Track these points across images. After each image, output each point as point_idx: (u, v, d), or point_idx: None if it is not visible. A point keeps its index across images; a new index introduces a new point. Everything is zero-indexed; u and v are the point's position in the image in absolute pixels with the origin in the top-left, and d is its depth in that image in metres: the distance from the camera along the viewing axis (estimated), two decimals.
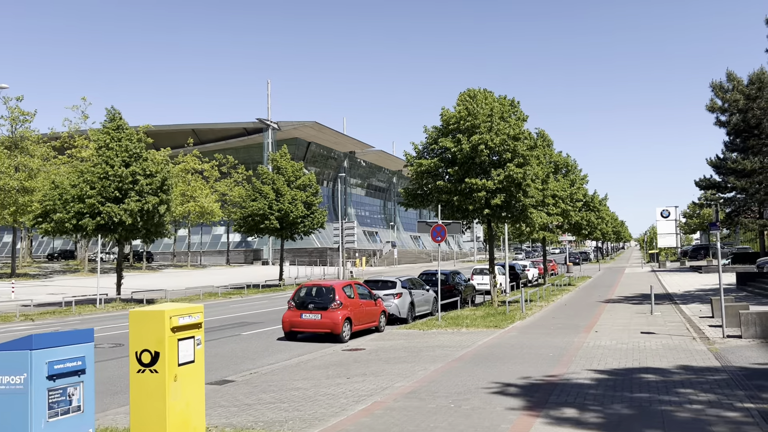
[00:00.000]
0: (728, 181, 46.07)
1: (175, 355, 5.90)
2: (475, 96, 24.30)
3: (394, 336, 17.31)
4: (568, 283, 39.42)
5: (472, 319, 20.21)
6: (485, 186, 22.99)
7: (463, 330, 17.86)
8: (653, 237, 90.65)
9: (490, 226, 25.36)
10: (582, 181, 38.72)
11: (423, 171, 24.46)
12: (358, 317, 17.49)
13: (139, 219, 30.12)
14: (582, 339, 15.00)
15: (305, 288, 17.82)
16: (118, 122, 31.64)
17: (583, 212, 37.69)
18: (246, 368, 12.99)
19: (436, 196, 24.37)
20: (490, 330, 17.62)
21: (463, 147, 23.11)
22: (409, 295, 21.71)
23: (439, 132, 24.89)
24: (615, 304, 24.76)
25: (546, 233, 37.89)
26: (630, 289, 33.60)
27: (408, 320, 21.21)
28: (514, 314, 21.19)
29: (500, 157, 23.70)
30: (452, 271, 28.59)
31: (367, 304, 18.33)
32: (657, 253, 72.62)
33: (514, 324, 18.87)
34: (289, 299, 17.57)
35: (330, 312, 16.68)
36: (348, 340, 16.86)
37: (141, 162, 30.80)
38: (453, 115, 24.28)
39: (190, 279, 52.31)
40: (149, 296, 34.67)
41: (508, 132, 23.26)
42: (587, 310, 22.75)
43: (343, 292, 17.16)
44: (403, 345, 15.34)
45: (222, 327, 20.73)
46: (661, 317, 19.57)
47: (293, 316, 17.05)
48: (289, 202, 42.88)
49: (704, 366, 10.93)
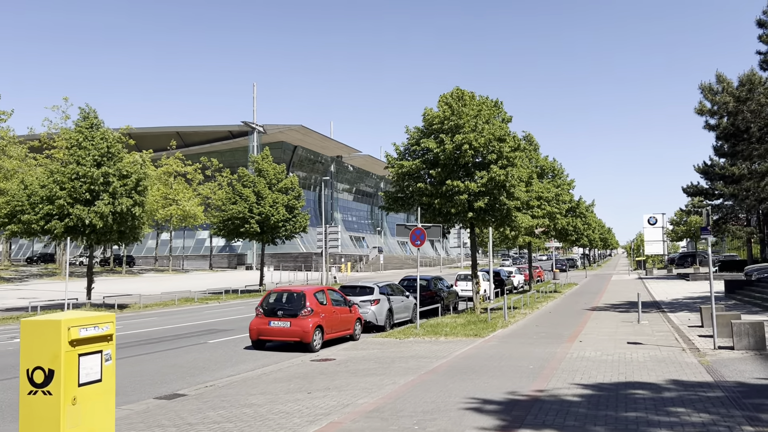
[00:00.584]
0: (716, 188, 45.58)
1: (75, 374, 4.94)
2: (462, 96, 23.48)
3: (369, 345, 16.37)
4: (554, 290, 38.65)
5: (452, 327, 19.32)
6: (468, 188, 22.16)
7: (442, 339, 16.95)
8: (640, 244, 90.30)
9: (473, 230, 24.51)
10: (568, 186, 37.98)
11: (404, 173, 23.59)
12: (330, 325, 16.54)
13: (111, 221, 29.03)
14: (565, 350, 14.12)
15: (275, 294, 16.85)
16: (92, 121, 30.59)
17: (570, 218, 36.91)
18: (203, 380, 12.01)
19: (417, 198, 23.52)
20: (469, 339, 16.72)
21: (446, 147, 22.27)
22: (388, 301, 20.78)
23: (421, 133, 24.05)
24: (601, 312, 23.96)
25: (532, 239, 37.12)
26: (616, 296, 32.85)
27: (386, 328, 20.28)
28: (496, 322, 20.32)
29: (484, 159, 22.89)
30: (434, 277, 27.70)
31: (341, 311, 17.39)
32: (644, 261, 72.12)
33: (496, 333, 17.98)
34: (257, 306, 16.59)
35: (300, 319, 15.72)
36: (319, 349, 15.90)
37: (115, 162, 29.74)
38: (436, 115, 23.45)
39: (170, 284, 51.08)
40: (122, 301, 33.53)
41: (494, 133, 22.46)
42: (572, 318, 21.92)
43: (314, 299, 16.21)
44: (375, 355, 14.41)
45: (189, 334, 19.70)
46: (648, 326, 18.76)
47: (261, 324, 16.08)
48: (270, 206, 41.88)
49: (696, 381, 10.07)
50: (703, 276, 46.35)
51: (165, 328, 21.80)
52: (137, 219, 29.77)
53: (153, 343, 17.66)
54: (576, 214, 37.94)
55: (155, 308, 31.82)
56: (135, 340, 18.29)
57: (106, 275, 65.09)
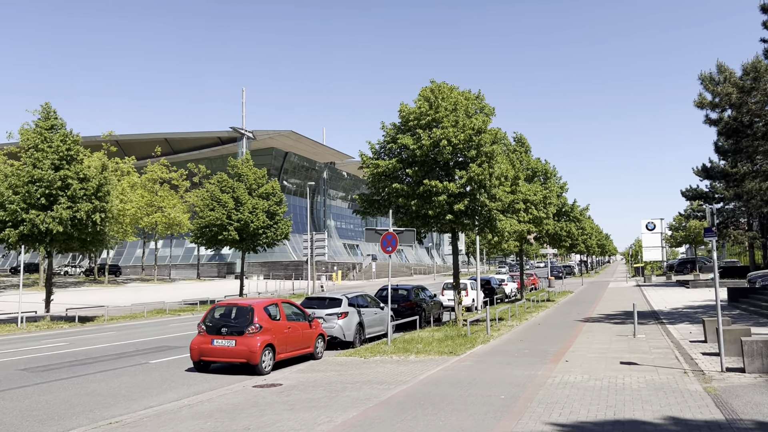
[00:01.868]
0: (716, 191, 43.69)
1: None
2: (439, 89, 21.58)
3: (328, 366, 14.39)
4: (547, 298, 36.66)
5: (427, 342, 17.34)
6: (447, 189, 20.24)
7: (411, 358, 14.97)
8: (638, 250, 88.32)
9: (454, 234, 22.57)
10: (561, 189, 36.10)
11: (380, 173, 21.66)
12: (284, 343, 14.55)
13: (71, 228, 27.06)
14: (547, 372, 12.14)
15: (220, 308, 14.86)
16: (52, 121, 28.67)
17: (563, 222, 34.98)
18: (112, 414, 10.02)
19: (393, 200, 21.61)
20: (442, 358, 14.75)
21: (423, 143, 20.36)
22: (358, 314, 18.79)
23: (397, 129, 22.14)
24: (594, 324, 21.98)
25: (524, 244, 35.18)
26: (612, 305, 30.87)
27: (355, 344, 18.30)
28: (477, 337, 18.34)
29: (465, 157, 20.97)
30: (416, 287, 25.73)
31: (299, 327, 15.40)
32: (642, 267, 70.17)
33: (474, 350, 16.00)
34: (199, 322, 14.59)
35: (246, 338, 13.73)
36: (269, 371, 13.92)
37: (74, 165, 27.79)
38: (413, 110, 21.55)
39: (149, 294, 49.06)
40: (89, 313, 31.53)
41: (473, 127, 20.55)
42: (562, 331, 19.94)
43: (264, 313, 14.22)
44: (330, 379, 12.43)
45: (135, 352, 17.69)
46: (645, 341, 16.78)
47: (203, 343, 14.08)
48: (249, 212, 39.89)
49: (703, 420, 8.08)
50: (704, 283, 44.38)
51: (114, 344, 19.79)
52: (98, 225, 27.74)
53: (87, 364, 15.66)
54: (570, 219, 35.99)
55: (121, 321, 29.82)
56: (69, 360, 16.28)
57: (88, 285, 63.09)
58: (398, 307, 23.66)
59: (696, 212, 57.65)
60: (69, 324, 27.68)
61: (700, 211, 56.14)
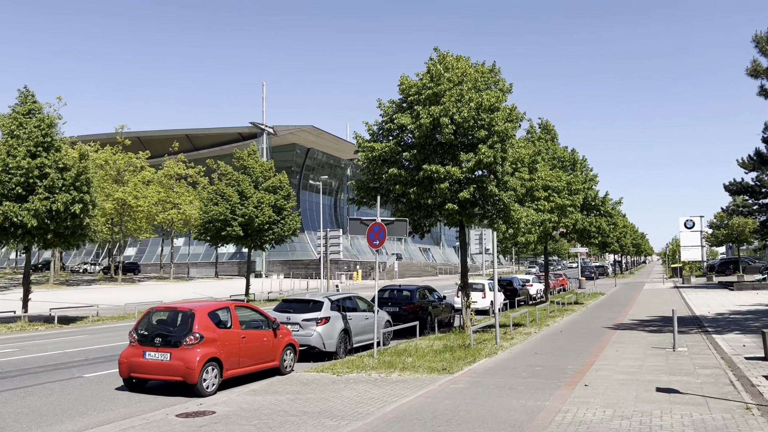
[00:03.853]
0: (765, 184, 39.84)
1: None
2: (444, 59, 18.65)
3: (288, 385, 11.63)
4: (575, 300, 33.40)
5: (421, 354, 14.48)
6: (450, 175, 17.32)
7: (394, 376, 12.11)
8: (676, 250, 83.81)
9: (462, 227, 19.62)
10: (591, 182, 32.77)
11: (375, 157, 18.81)
12: (236, 356, 11.82)
13: (47, 221, 24.83)
14: (558, 402, 9.19)
15: (157, 313, 12.16)
16: (30, 105, 26.48)
17: (592, 217, 31.65)
18: None
19: (389, 187, 18.79)
20: (432, 377, 11.86)
21: (422, 122, 17.47)
22: (343, 320, 15.98)
23: (397, 107, 19.29)
24: (625, 333, 18.82)
25: (548, 240, 31.94)
26: (648, 309, 27.52)
27: (339, 354, 15.51)
28: (483, 348, 15.41)
29: (472, 137, 18.03)
30: (422, 287, 22.83)
31: (258, 336, 12.66)
32: (680, 268, 65.99)
33: (474, 365, 13.07)
34: (131, 329, 11.94)
35: (183, 350, 11.02)
36: (213, 391, 11.19)
37: (53, 153, 25.53)
38: (413, 83, 18.66)
39: (158, 292, 46.90)
40: (77, 313, 29.34)
41: (482, 102, 17.58)
42: (586, 342, 16.85)
43: (207, 320, 11.49)
44: (276, 407, 9.68)
45: (79, 363, 15.17)
46: (688, 356, 13.64)
47: (133, 355, 11.43)
48: (254, 206, 37.41)
49: None
50: (750, 285, 40.53)
51: (66, 351, 17.33)
52: (77, 218, 25.42)
53: (10, 377, 13.15)
54: (601, 213, 32.62)
55: (108, 322, 27.56)
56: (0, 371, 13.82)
57: (102, 283, 61.46)
58: (399, 311, 20.83)
59: (741, 208, 53.48)
60: (46, 325, 25.45)
61: (745, 206, 52.01)
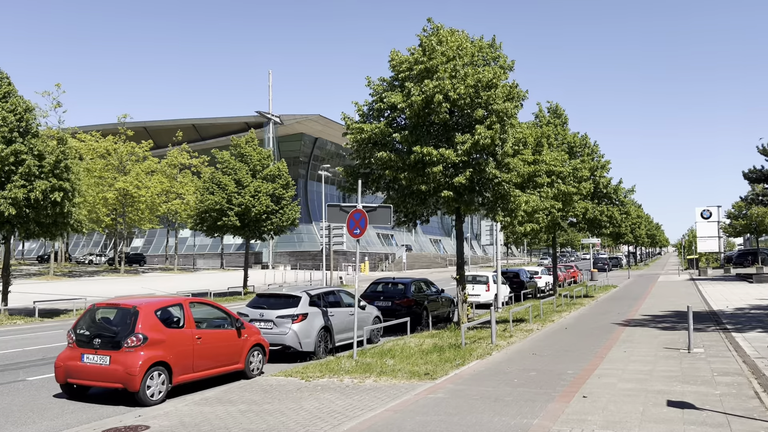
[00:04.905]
0: None
1: None
2: (438, 31, 17.09)
3: (247, 392, 10.24)
4: (585, 294, 31.78)
5: (406, 355, 13.05)
6: (444, 158, 15.81)
7: (369, 382, 10.67)
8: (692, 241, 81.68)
9: (458, 215, 18.10)
10: (603, 169, 31.10)
11: (365, 140, 17.32)
12: (189, 359, 10.44)
13: (27, 210, 23.65)
14: (547, 422, 7.70)
15: (100, 310, 10.78)
16: (5, 89, 25.21)
17: (603, 205, 29.98)
18: None
19: (379, 172, 17.34)
20: (410, 383, 10.41)
21: (414, 100, 15.96)
22: (323, 316, 14.56)
23: (389, 85, 17.78)
24: (636, 330, 17.25)
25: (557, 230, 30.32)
26: (661, 303, 25.88)
27: (318, 354, 14.11)
28: (476, 347, 13.94)
29: (469, 117, 16.50)
30: (417, 280, 21.35)
31: (218, 337, 11.27)
32: (696, 259, 63.98)
33: (462, 369, 11.60)
34: (70, 329, 10.59)
35: (123, 353, 9.65)
36: (160, 399, 9.83)
37: (29, 139, 24.29)
38: (405, 59, 17.13)
39: (156, 284, 45.86)
40: (60, 306, 28.17)
41: (480, 78, 16.03)
42: (592, 340, 15.32)
43: (153, 319, 10.10)
44: (219, 424, 8.30)
45: (31, 363, 13.90)
46: (704, 359, 12.09)
47: (71, 358, 10.08)
48: (251, 195, 36.06)
49: None
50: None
51: (27, 349, 16.09)
52: (57, 206, 24.19)
53: None
54: (612, 202, 30.95)
55: None
56: None
57: (105, 275, 60.56)
58: (392, 305, 19.40)
59: (760, 197, 51.38)
60: (26, 319, 24.30)
61: (765, 195, 49.95)
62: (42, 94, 52.84)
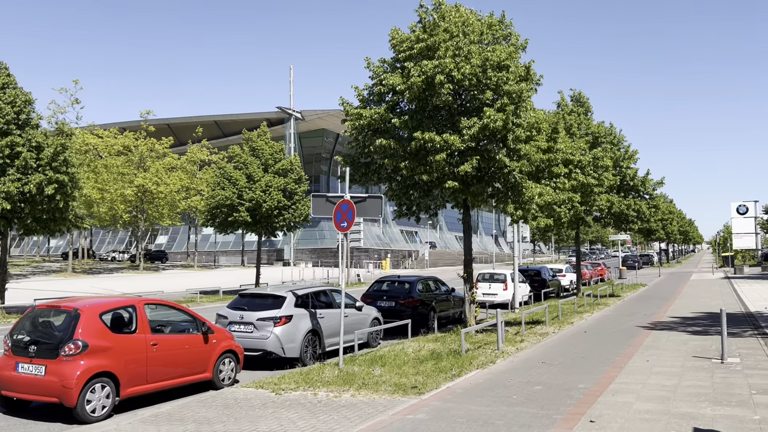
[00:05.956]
0: None
1: None
2: (440, 5, 15.61)
3: (206, 407, 8.94)
4: (611, 293, 29.96)
5: (400, 362, 11.65)
6: (447, 144, 14.32)
7: (347, 396, 9.29)
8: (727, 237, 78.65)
9: (466, 207, 16.60)
10: (630, 159, 29.24)
11: (364, 126, 15.92)
12: (142, 369, 9.18)
13: (22, 204, 22.78)
14: None
15: (39, 313, 9.53)
16: (3, 79, 24.36)
17: (631, 199, 28.10)
18: None
19: (380, 162, 15.93)
20: (393, 399, 9.01)
21: (413, 81, 14.51)
22: (310, 318, 13.21)
23: (390, 66, 16.34)
24: (662, 333, 15.58)
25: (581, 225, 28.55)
26: (693, 304, 24.03)
27: (304, 360, 12.76)
28: (480, 354, 12.47)
29: (477, 99, 15.00)
30: (424, 278, 19.92)
31: (179, 343, 10.00)
32: (732, 256, 61.28)
33: (456, 381, 10.14)
34: (6, 334, 9.39)
35: (60, 363, 8.41)
36: (104, 416, 8.58)
37: (27, 131, 23.41)
38: (406, 37, 15.68)
39: (168, 282, 45.06)
40: None
41: (488, 57, 14.52)
42: (611, 346, 13.72)
43: (97, 323, 8.83)
44: None
45: None
46: (740, 371, 10.46)
47: (5, 368, 8.86)
48: (262, 190, 34.91)
49: None
50: None
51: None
52: (54, 200, 23.27)
53: None
54: (640, 195, 29.06)
55: None
56: None
57: (125, 272, 60.19)
58: (396, 306, 18.01)
59: None
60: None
61: None
62: (59, 90, 52.50)
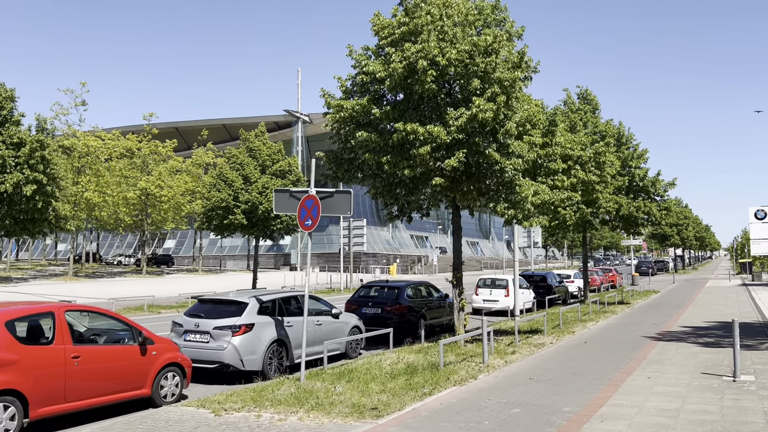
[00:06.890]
0: None
1: None
2: None
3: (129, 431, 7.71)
4: (620, 300, 28.45)
5: (368, 378, 10.40)
6: (432, 136, 13.05)
7: (293, 419, 8.02)
8: (745, 243, 76.48)
9: (456, 207, 15.31)
10: (639, 159, 27.82)
11: (345, 118, 14.69)
12: (59, 385, 7.97)
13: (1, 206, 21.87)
14: None
15: None
16: None
17: (640, 201, 26.65)
18: None
19: (359, 155, 14.72)
20: (346, 424, 7.74)
21: (394, 67, 13.27)
22: (275, 327, 11.96)
23: (373, 54, 15.11)
24: (670, 345, 14.17)
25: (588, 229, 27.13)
26: (706, 312, 22.52)
27: (267, 374, 11.50)
28: (461, 368, 11.15)
29: (464, 88, 13.73)
30: (414, 283, 18.68)
31: (109, 355, 8.79)
32: (750, 263, 59.33)
33: (424, 402, 8.84)
34: None
35: None
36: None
37: (7, 127, 22.52)
38: (388, 23, 14.43)
39: (168, 286, 44.05)
40: None
41: (476, 42, 13.25)
42: (612, 360, 12.34)
43: (4, 333, 7.64)
44: None
45: None
46: (755, 392, 9.08)
47: None
48: (258, 192, 33.78)
49: None
50: None
51: None
52: (32, 201, 22.31)
53: None
54: (650, 196, 27.60)
55: None
56: None
57: (127, 276, 59.38)
58: (382, 313, 16.75)
59: None
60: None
61: None
62: (64, 91, 51.80)
